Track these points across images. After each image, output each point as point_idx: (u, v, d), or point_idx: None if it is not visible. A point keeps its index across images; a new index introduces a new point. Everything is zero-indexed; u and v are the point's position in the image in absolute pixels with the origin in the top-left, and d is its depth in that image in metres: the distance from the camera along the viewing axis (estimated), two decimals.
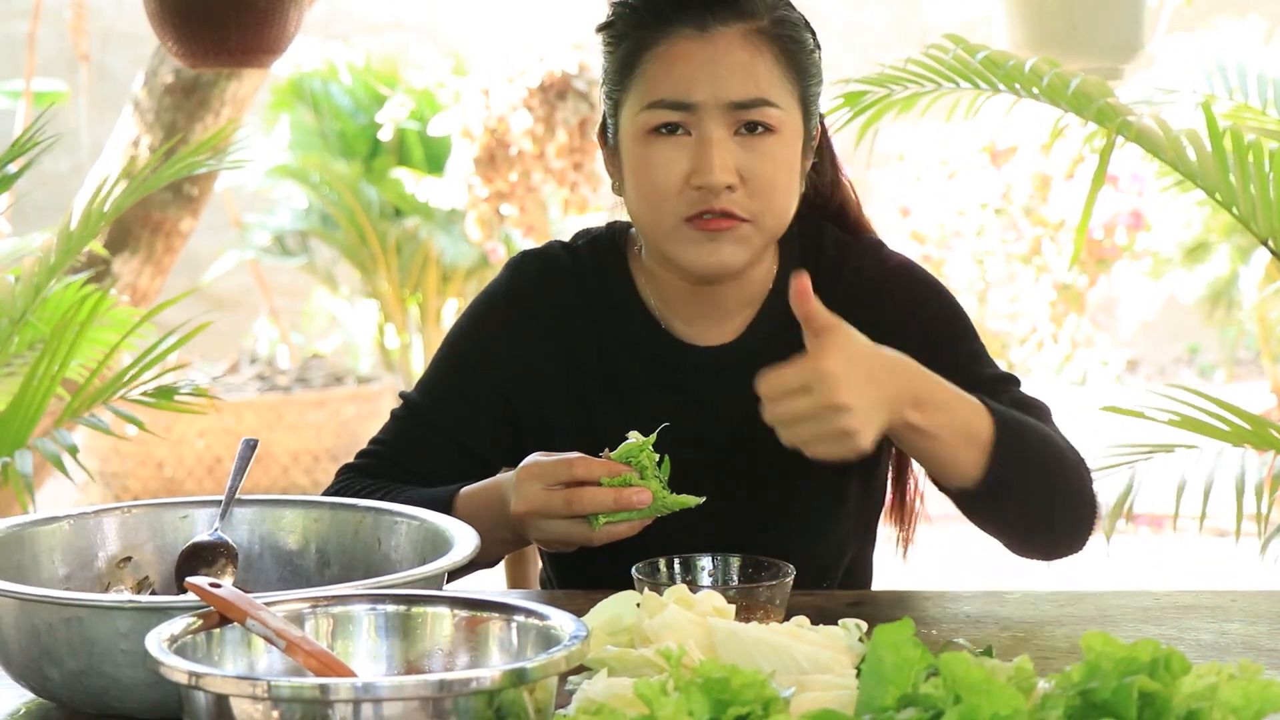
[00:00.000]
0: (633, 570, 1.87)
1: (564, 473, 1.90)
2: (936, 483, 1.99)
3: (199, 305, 8.33)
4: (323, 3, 5.07)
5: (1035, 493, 1.94)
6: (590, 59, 6.66)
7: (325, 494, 2.11)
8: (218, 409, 2.98)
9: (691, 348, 2.13)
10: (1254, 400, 7.67)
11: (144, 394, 2.93)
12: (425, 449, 2.16)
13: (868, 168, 3.02)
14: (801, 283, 1.79)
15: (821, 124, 2.16)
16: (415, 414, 2.18)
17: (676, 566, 1.90)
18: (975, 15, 8.77)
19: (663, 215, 2.02)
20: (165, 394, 2.90)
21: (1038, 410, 2.05)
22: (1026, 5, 2.99)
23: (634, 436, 1.91)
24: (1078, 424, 2.98)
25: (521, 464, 1.94)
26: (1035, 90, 2.89)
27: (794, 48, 2.04)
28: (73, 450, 2.86)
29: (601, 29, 2.09)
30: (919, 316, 2.11)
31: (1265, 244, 2.93)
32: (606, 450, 1.91)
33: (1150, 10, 3.02)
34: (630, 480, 1.89)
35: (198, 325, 2.92)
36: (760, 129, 2.00)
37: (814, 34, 2.09)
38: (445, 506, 2.00)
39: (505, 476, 1.99)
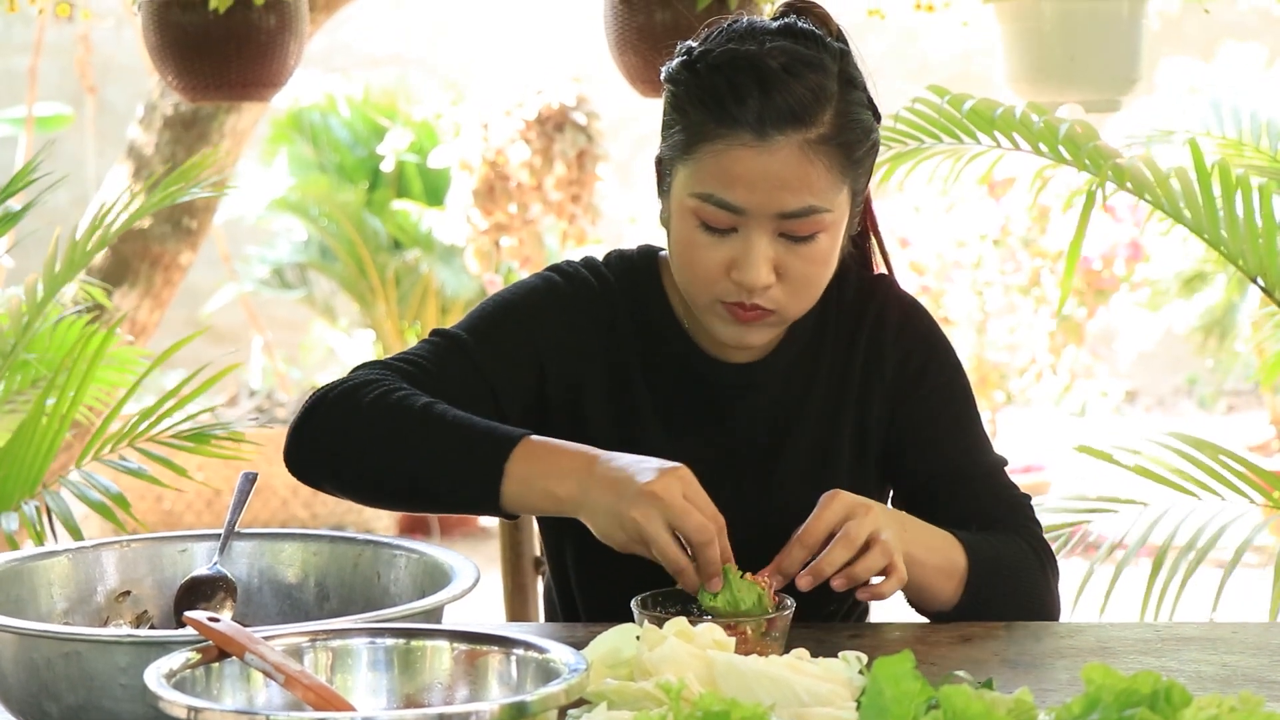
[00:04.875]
0: (632, 603, 1.87)
1: (706, 518, 1.87)
2: (912, 605, 2.09)
3: (198, 338, 8.32)
4: (322, 36, 5.08)
5: (1000, 613, 2.08)
6: (588, 91, 6.67)
7: (345, 381, 2.03)
8: (261, 451, 2.94)
9: (721, 363, 2.18)
10: (1253, 431, 7.67)
11: (177, 435, 2.90)
12: (462, 381, 2.09)
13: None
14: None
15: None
16: (458, 346, 2.12)
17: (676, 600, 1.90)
18: (973, 46, 8.79)
19: (699, 292, 2.08)
20: (201, 439, 2.88)
21: (1017, 507, 2.17)
22: (1025, 39, 3.00)
23: (763, 580, 1.90)
24: (1073, 455, 2.99)
25: (674, 463, 1.90)
26: (1024, 140, 2.91)
27: (851, 149, 2.03)
28: (121, 501, 2.81)
29: (668, 79, 2.08)
30: (928, 384, 2.20)
31: (1255, 281, 2.94)
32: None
33: (1148, 41, 3.03)
34: (725, 569, 1.87)
35: (222, 366, 2.92)
36: (806, 237, 2.03)
37: (874, 108, 2.09)
38: (511, 440, 1.95)
39: (617, 456, 1.94)
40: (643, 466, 1.90)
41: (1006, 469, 2.21)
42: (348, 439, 2.01)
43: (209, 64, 2.94)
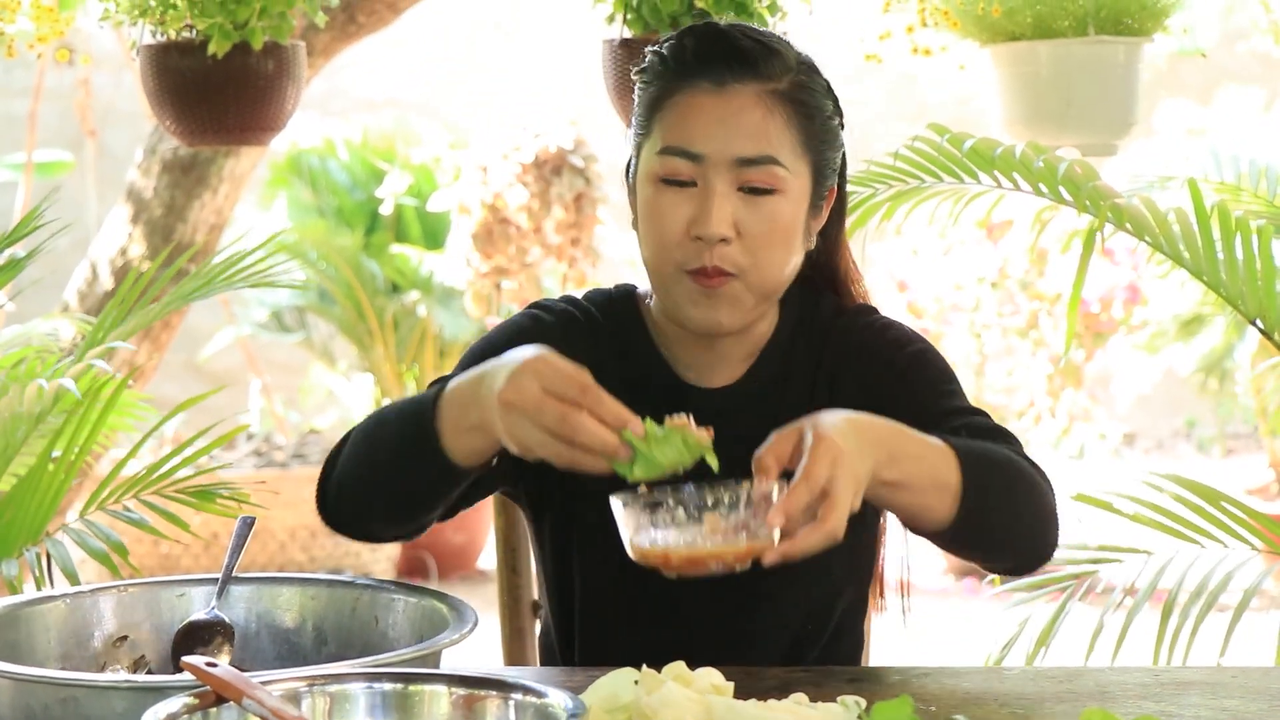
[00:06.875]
0: (611, 498, 1.81)
1: (573, 391, 1.80)
2: (910, 528, 2.03)
3: (196, 381, 8.33)
4: (320, 80, 5.09)
5: (1002, 523, 1.99)
6: (586, 134, 6.69)
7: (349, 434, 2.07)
8: (268, 510, 2.92)
9: (697, 389, 2.20)
10: (1253, 474, 7.67)
11: (182, 490, 2.90)
12: None
13: (865, 242, 3.05)
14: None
15: (841, 189, 2.21)
16: None
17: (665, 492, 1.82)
18: (970, 90, 8.81)
19: (664, 261, 2.10)
20: (206, 495, 2.88)
21: (1004, 437, 2.10)
22: (1021, 83, 3.01)
23: (681, 419, 1.83)
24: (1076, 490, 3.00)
25: (529, 354, 1.84)
26: (1023, 180, 2.91)
27: (809, 112, 2.10)
28: (120, 550, 2.80)
29: (637, 73, 2.16)
30: (897, 359, 2.18)
31: (1254, 323, 2.94)
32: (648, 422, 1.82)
33: (1144, 85, 3.04)
34: (628, 437, 1.79)
35: (220, 411, 2.90)
36: (765, 189, 2.06)
37: (835, 100, 2.15)
38: (435, 397, 1.94)
39: (496, 360, 1.90)
40: (498, 373, 1.83)
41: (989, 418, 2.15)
42: (344, 480, 2.04)
43: (207, 108, 2.95)
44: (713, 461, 1.83)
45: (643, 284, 2.24)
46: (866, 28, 3.12)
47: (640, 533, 1.81)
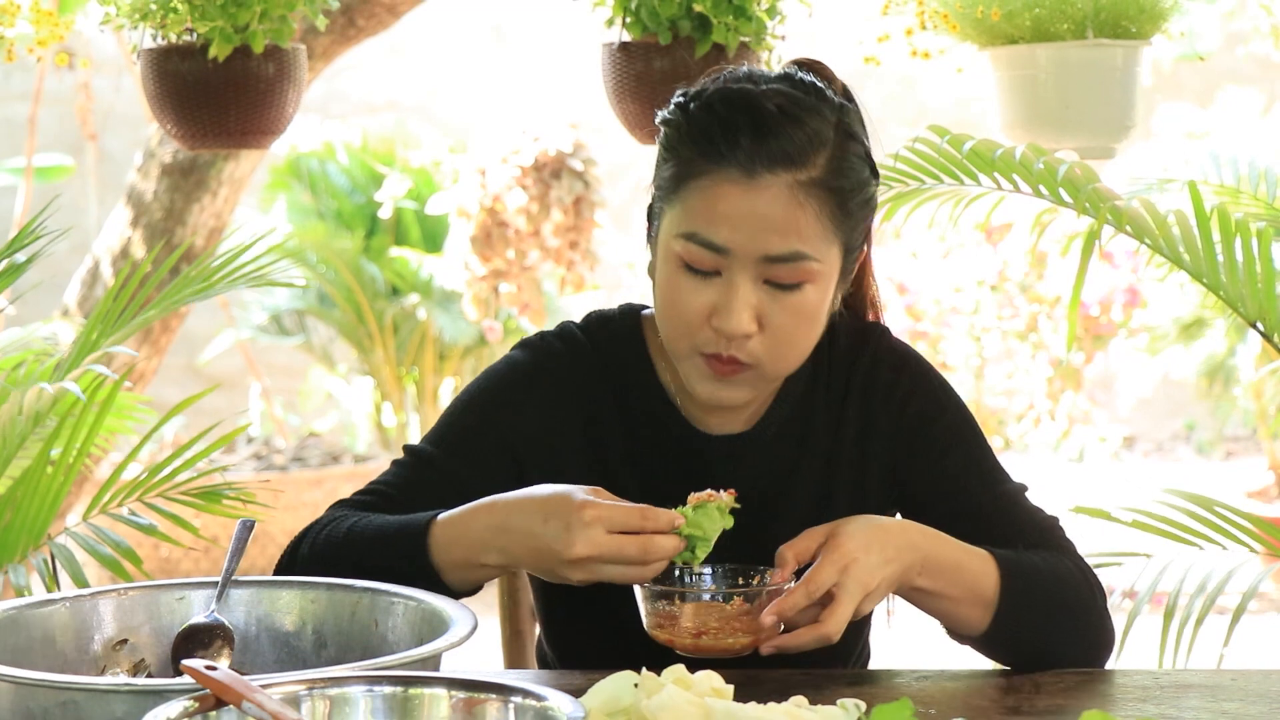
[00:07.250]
0: (635, 587, 1.92)
1: (635, 521, 1.87)
2: (944, 629, 2.07)
3: (196, 385, 8.33)
4: (320, 83, 5.10)
5: (1043, 635, 2.03)
6: (585, 137, 6.69)
7: (299, 537, 2.08)
8: (267, 513, 2.92)
9: (707, 435, 2.14)
10: (1252, 477, 7.68)
11: (186, 492, 2.89)
12: (429, 497, 2.07)
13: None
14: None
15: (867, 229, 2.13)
16: (423, 461, 2.12)
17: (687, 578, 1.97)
18: (969, 94, 8.81)
19: (680, 340, 2.03)
20: (212, 497, 2.87)
21: (1046, 531, 2.11)
22: (1020, 86, 3.01)
23: (706, 493, 1.92)
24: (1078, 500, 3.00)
25: (576, 499, 1.87)
26: (1023, 182, 2.92)
27: (843, 197, 1.99)
28: (132, 556, 2.79)
29: (661, 122, 2.05)
30: (933, 430, 2.15)
31: (1254, 326, 2.95)
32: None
33: (1142, 88, 3.04)
34: (683, 531, 1.89)
35: (220, 413, 2.90)
36: (792, 285, 1.98)
37: (872, 164, 2.05)
38: (423, 531, 1.96)
39: (493, 501, 1.94)
40: (552, 532, 1.88)
41: (1028, 494, 2.15)
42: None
43: (208, 112, 2.95)
44: (728, 522, 1.92)
45: (650, 298, 2.15)
46: (865, 30, 3.11)
47: (654, 616, 1.94)
